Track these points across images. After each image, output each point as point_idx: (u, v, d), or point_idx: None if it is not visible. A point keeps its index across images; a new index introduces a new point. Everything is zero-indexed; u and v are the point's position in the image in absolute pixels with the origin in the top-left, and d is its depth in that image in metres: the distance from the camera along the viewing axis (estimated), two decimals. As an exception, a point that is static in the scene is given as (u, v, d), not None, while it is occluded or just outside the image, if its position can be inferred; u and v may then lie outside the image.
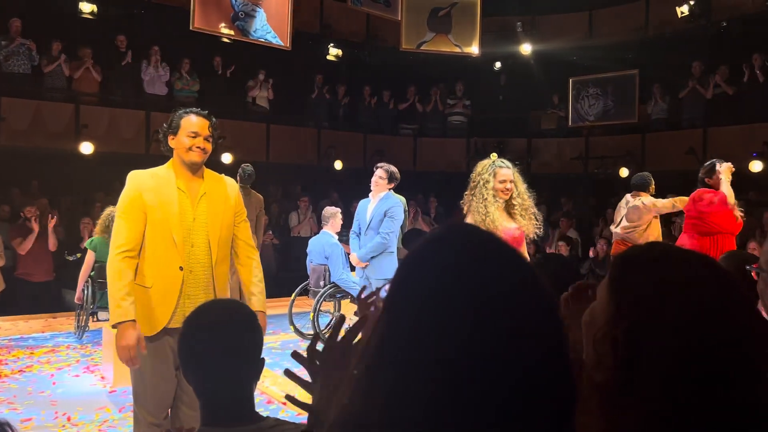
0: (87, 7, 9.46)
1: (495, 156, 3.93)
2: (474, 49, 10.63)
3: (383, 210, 5.51)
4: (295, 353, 1.16)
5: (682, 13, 10.25)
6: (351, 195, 10.01)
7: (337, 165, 11.61)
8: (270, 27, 8.84)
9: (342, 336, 1.10)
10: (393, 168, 5.69)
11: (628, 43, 11.45)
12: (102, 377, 5.35)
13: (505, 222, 3.72)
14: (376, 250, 5.47)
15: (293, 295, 6.84)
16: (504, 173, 3.72)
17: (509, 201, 3.75)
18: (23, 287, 7.82)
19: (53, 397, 4.80)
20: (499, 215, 3.68)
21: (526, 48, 11.80)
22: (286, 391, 4.73)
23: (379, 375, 0.67)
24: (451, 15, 10.57)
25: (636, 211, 5.78)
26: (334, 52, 11.53)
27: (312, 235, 8.43)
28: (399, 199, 5.75)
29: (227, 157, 9.65)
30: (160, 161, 2.91)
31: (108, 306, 7.05)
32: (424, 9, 10.49)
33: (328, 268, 6.49)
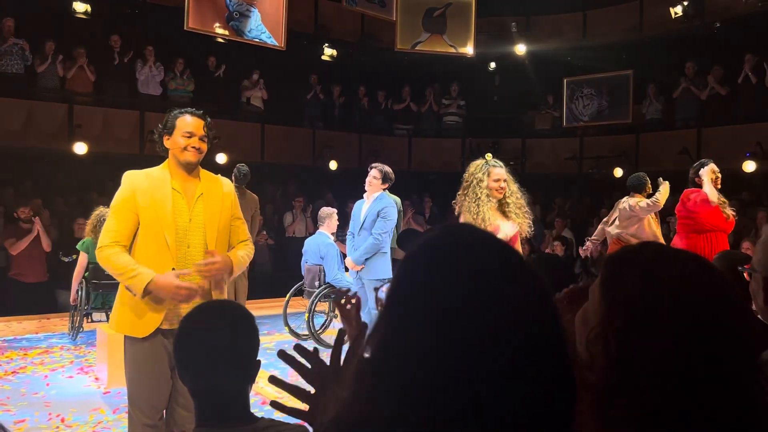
0: (81, 7, 9.41)
1: (490, 156, 3.96)
2: (469, 50, 10.65)
3: (376, 210, 5.51)
4: (282, 353, 1.16)
5: (675, 14, 10.28)
6: (346, 195, 10.01)
7: (332, 165, 11.60)
8: (264, 27, 8.82)
9: (335, 339, 1.11)
10: (387, 168, 5.69)
11: (622, 44, 11.48)
12: (96, 378, 5.33)
13: (499, 220, 3.75)
14: (369, 251, 5.47)
15: (288, 296, 6.83)
16: (498, 172, 3.78)
17: (503, 200, 3.79)
18: (17, 288, 7.77)
19: (47, 399, 4.78)
20: (492, 214, 3.72)
21: (520, 48, 11.81)
22: (280, 392, 4.73)
23: (382, 373, 0.67)
24: (446, 15, 10.58)
25: (624, 213, 5.82)
26: (328, 52, 11.52)
27: (307, 236, 8.43)
28: (393, 200, 5.75)
29: (222, 158, 9.63)
30: (154, 161, 2.91)
31: (102, 307, 6.98)
32: (418, 9, 10.50)
33: (323, 268, 6.49)
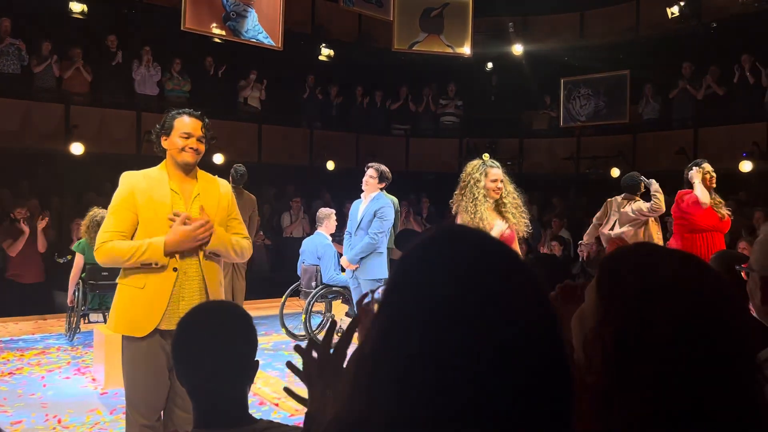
0: (77, 7, 9.38)
1: (487, 156, 3.98)
2: (466, 50, 10.65)
3: (373, 210, 5.51)
4: (298, 347, 1.15)
5: (672, 14, 10.30)
6: (343, 195, 10.00)
7: (330, 165, 11.59)
8: (262, 27, 8.82)
9: (338, 339, 1.11)
10: (384, 167, 5.70)
11: (619, 44, 11.49)
12: (93, 379, 5.32)
13: (496, 220, 3.76)
14: (365, 251, 5.47)
15: (285, 296, 6.83)
16: (495, 173, 3.80)
17: (500, 200, 3.81)
18: (13, 289, 7.76)
19: (44, 400, 4.76)
20: (489, 214, 3.74)
21: (517, 48, 11.81)
22: (278, 393, 4.74)
23: (380, 372, 0.67)
24: (443, 15, 10.59)
25: (626, 217, 5.83)
26: (326, 52, 11.51)
27: (304, 236, 8.43)
28: (390, 200, 5.75)
29: (219, 158, 9.62)
30: (151, 162, 2.90)
31: (99, 308, 6.97)
32: (416, 9, 10.50)
33: (319, 268, 6.49)
